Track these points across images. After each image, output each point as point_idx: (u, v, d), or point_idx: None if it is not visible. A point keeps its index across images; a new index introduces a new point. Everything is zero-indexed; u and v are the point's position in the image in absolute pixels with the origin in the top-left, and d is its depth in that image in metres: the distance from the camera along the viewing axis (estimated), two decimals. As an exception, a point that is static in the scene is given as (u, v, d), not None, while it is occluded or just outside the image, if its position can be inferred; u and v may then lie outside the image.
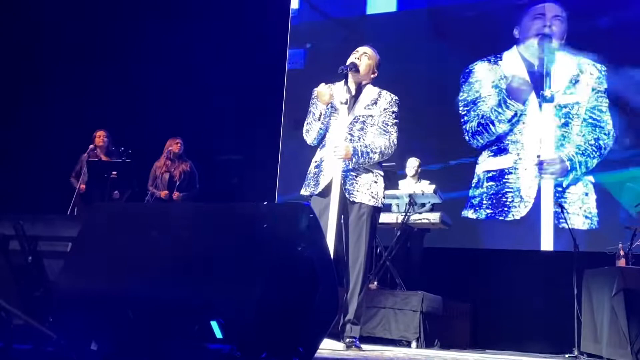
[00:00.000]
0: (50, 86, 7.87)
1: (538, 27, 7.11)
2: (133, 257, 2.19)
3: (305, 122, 3.78)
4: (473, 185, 7.02)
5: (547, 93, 6.87)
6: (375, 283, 5.69)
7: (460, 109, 7.26)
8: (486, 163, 7.05)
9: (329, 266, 2.38)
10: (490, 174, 7.00)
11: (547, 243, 6.56)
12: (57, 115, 7.69)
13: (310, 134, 3.75)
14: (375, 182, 3.68)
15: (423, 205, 6.08)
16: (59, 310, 2.21)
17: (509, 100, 6.97)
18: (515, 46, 7.16)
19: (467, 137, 7.18)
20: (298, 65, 8.04)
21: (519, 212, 6.76)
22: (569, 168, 6.64)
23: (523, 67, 7.06)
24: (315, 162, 3.74)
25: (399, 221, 5.92)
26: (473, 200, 6.97)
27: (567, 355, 5.29)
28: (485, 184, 6.98)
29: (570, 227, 5.75)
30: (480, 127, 7.10)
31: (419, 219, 5.94)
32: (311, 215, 2.25)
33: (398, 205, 6.23)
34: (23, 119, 7.83)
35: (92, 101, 7.73)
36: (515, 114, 6.94)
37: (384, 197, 3.74)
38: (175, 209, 3.00)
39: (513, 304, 6.47)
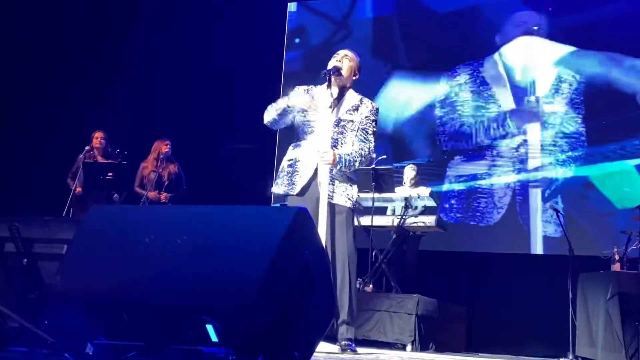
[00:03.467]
0: (47, 87, 7.86)
1: (520, 33, 7.12)
2: (128, 260, 2.19)
3: (275, 106, 3.77)
4: (443, 188, 7.01)
5: (532, 99, 6.88)
6: (371, 286, 5.69)
7: (437, 109, 7.26)
8: (458, 167, 7.06)
9: (326, 269, 2.39)
10: (462, 178, 7.02)
11: (537, 248, 6.60)
12: (53, 116, 7.68)
13: (267, 116, 3.79)
14: (351, 185, 3.75)
15: (416, 208, 6.08)
16: (54, 313, 2.21)
17: (509, 121, 6.95)
18: (497, 52, 7.18)
19: (441, 139, 7.18)
20: (295, 68, 8.05)
21: (492, 217, 6.79)
22: (553, 177, 6.67)
23: (504, 73, 7.07)
24: (290, 160, 3.76)
25: (395, 224, 5.92)
26: (444, 204, 6.98)
27: (562, 359, 5.30)
28: (456, 188, 6.98)
29: (566, 230, 5.74)
30: (461, 135, 7.09)
31: (415, 222, 5.94)
32: (307, 219, 2.25)
33: (394, 209, 6.23)
34: (19, 120, 7.81)
35: (88, 102, 7.72)
36: (507, 135, 6.94)
37: (358, 199, 3.84)
38: (170, 211, 3.00)
39: (508, 307, 6.48)
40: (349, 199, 3.69)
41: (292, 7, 8.23)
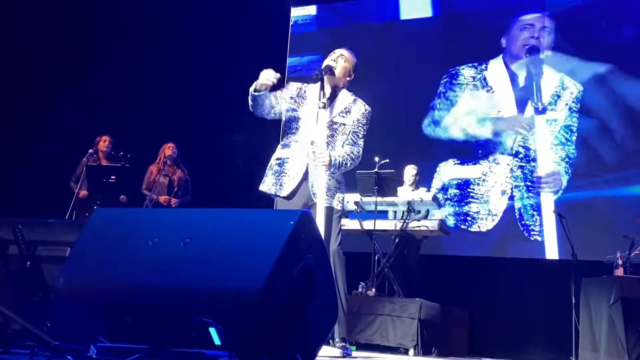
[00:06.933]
0: (50, 90, 7.88)
1: (526, 38, 7.08)
2: (132, 262, 2.19)
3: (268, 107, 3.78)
4: (437, 190, 6.95)
5: (539, 106, 6.86)
6: (374, 290, 5.68)
7: (436, 112, 7.24)
8: (452, 170, 7.04)
9: (329, 274, 2.39)
10: (455, 182, 6.99)
11: (540, 252, 6.59)
12: (56, 119, 7.70)
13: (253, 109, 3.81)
14: (338, 187, 3.74)
15: (419, 212, 6.06)
16: (57, 315, 2.21)
17: (512, 125, 6.91)
18: (501, 55, 7.16)
19: (427, 122, 7.17)
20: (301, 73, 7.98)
21: (485, 224, 6.78)
22: (561, 185, 6.66)
23: (507, 77, 7.05)
24: (278, 160, 3.74)
25: (397, 228, 5.91)
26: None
27: (564, 364, 5.29)
28: (450, 191, 6.95)
29: (569, 235, 5.72)
30: (460, 139, 7.07)
31: (418, 226, 5.93)
32: (311, 222, 2.26)
33: (395, 212, 6.22)
34: (22, 122, 7.83)
35: (92, 105, 7.74)
36: (507, 139, 6.92)
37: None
38: (174, 214, 3.00)
39: (511, 312, 6.47)
40: (339, 201, 3.72)
41: (312, 10, 8.16)
